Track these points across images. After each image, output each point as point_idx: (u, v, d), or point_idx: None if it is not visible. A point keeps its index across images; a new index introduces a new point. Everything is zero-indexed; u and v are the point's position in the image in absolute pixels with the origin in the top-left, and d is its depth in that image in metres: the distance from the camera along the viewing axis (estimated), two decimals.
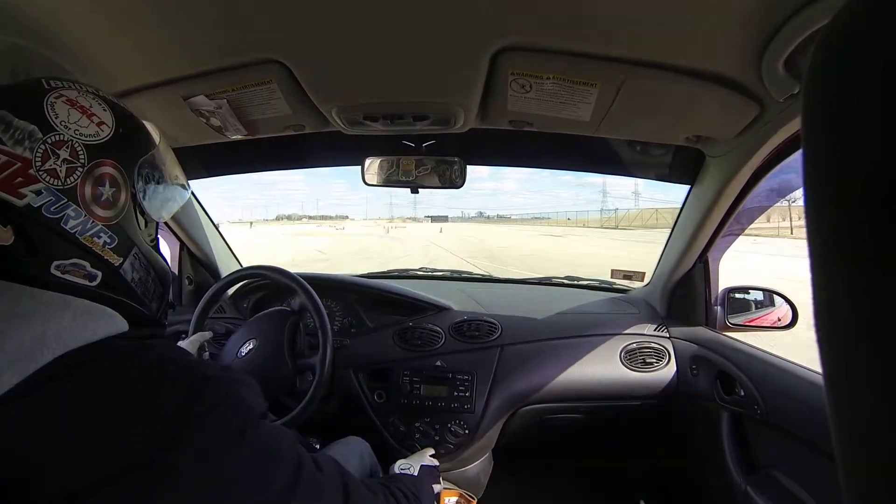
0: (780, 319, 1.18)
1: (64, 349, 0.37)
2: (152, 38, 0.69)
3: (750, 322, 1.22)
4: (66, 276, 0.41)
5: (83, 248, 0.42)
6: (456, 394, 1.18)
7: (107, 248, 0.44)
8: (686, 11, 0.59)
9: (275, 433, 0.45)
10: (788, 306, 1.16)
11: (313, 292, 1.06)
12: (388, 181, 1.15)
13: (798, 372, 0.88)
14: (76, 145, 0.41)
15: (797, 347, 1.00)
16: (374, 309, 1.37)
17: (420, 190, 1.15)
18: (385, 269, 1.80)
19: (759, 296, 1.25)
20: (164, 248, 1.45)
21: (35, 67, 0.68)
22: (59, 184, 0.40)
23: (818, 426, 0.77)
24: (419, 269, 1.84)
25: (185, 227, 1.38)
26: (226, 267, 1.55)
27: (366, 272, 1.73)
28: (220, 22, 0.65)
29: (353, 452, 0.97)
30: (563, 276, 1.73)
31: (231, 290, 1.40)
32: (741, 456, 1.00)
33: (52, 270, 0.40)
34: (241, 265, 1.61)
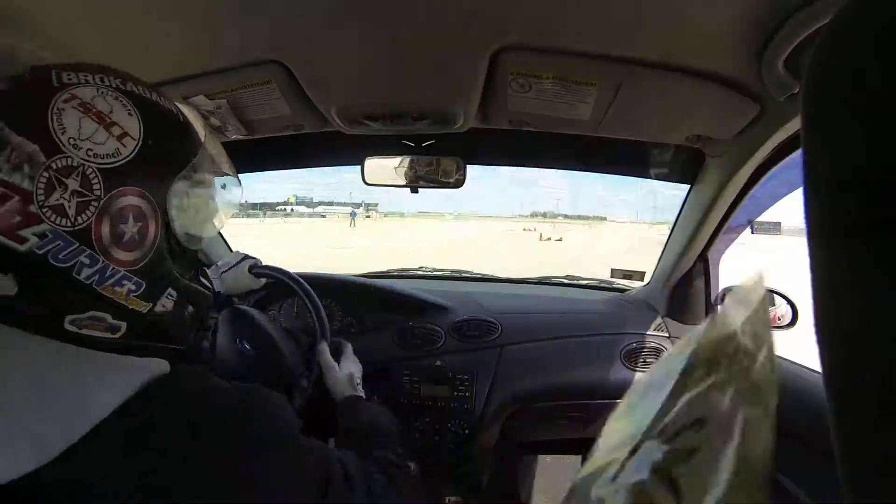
0: (780, 319, 1.18)
1: (101, 414, 0.33)
2: (152, 39, 0.69)
3: None
4: (84, 332, 0.35)
5: (102, 298, 0.34)
6: (456, 394, 1.18)
7: (132, 297, 0.36)
8: (685, 11, 0.59)
9: (308, 447, 0.44)
10: (789, 306, 1.16)
11: (311, 291, 1.06)
12: (388, 181, 1.15)
13: (798, 371, 0.88)
14: (89, 171, 0.32)
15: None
16: (373, 309, 1.37)
17: (419, 190, 1.15)
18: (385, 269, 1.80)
19: None
20: None
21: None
22: (69, 224, 0.32)
23: (818, 426, 0.77)
24: (419, 269, 1.84)
25: None
26: None
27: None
28: (220, 22, 0.65)
29: None
30: (563, 275, 1.73)
31: None
32: None
33: (67, 325, 0.34)
34: None
